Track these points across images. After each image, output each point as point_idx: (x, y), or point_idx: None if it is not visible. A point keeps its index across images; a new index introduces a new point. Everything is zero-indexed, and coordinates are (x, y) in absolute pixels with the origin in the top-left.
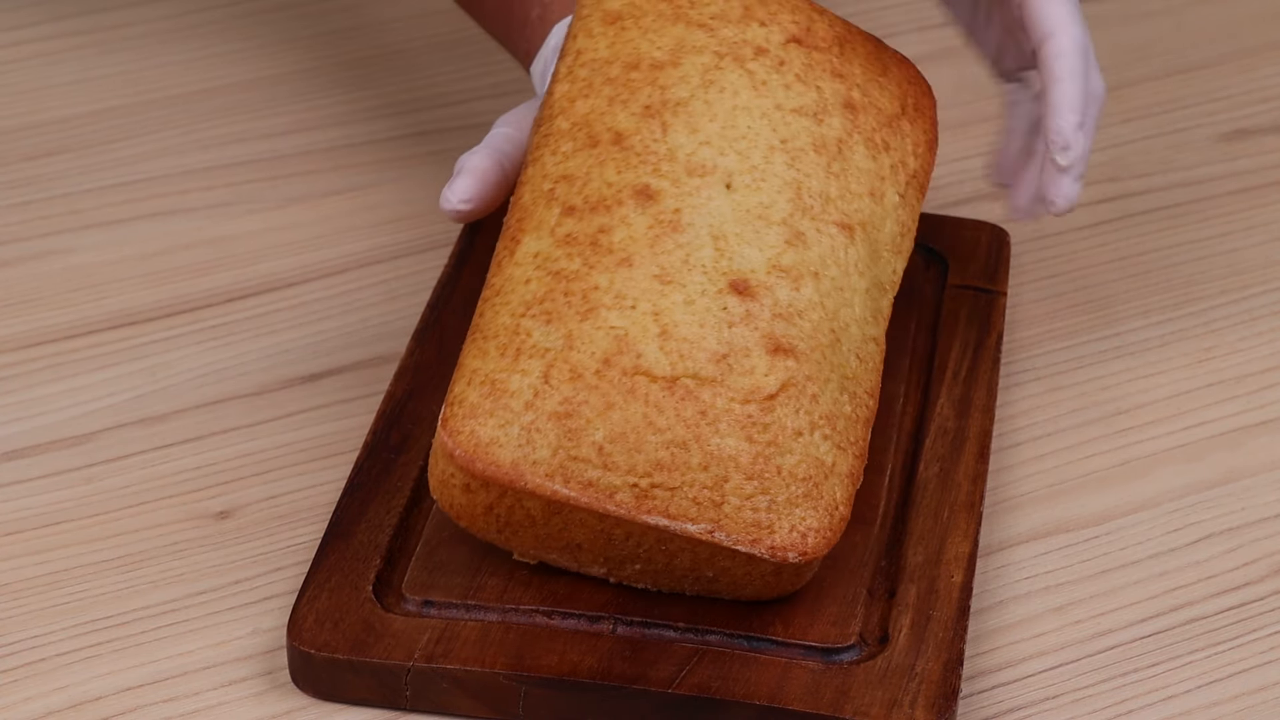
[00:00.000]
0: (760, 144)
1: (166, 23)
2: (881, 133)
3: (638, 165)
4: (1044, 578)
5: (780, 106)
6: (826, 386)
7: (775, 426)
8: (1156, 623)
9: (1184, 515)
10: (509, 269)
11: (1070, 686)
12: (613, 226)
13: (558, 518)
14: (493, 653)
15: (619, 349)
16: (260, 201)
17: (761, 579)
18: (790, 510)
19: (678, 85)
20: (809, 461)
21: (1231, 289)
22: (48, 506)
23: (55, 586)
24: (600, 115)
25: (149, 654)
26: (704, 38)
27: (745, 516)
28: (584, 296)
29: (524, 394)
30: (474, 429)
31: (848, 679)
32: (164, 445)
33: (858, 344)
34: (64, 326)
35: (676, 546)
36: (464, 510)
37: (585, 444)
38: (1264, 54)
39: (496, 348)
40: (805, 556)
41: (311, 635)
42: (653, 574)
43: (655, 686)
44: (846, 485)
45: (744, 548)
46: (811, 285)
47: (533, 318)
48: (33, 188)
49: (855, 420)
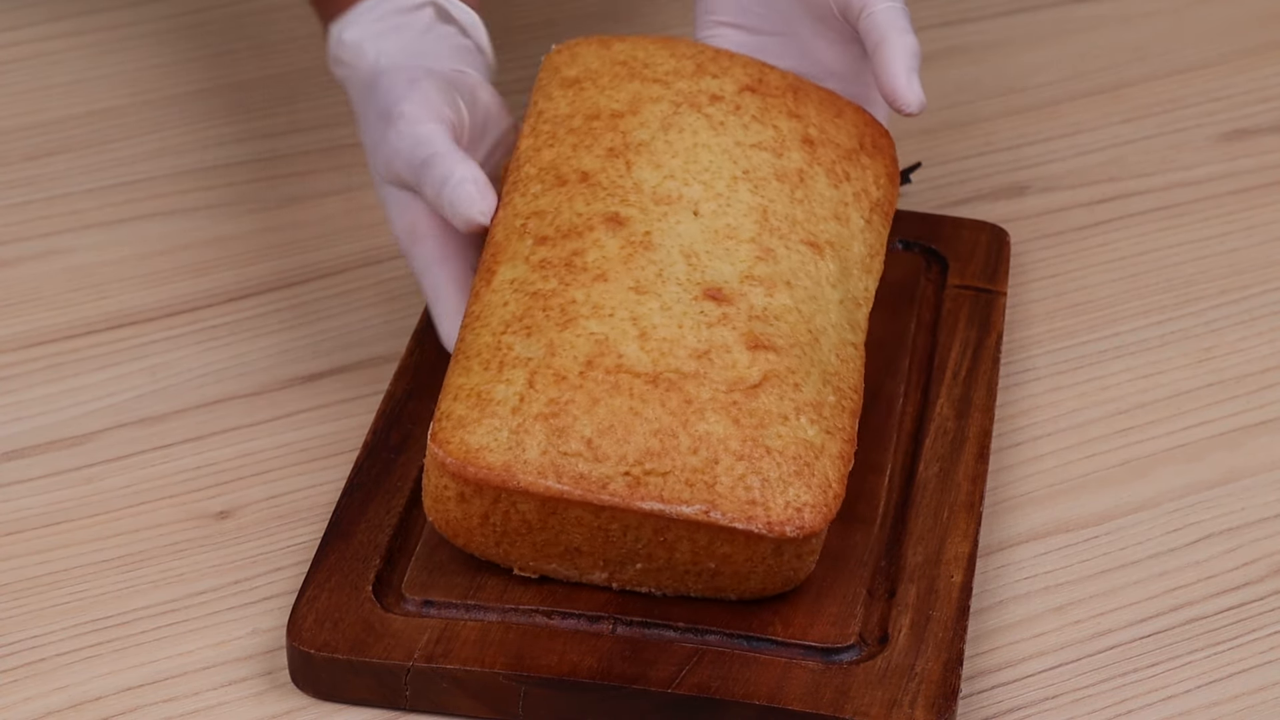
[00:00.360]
0: (724, 175)
1: (166, 22)
2: (841, 164)
3: (605, 197)
4: (1044, 578)
5: (740, 143)
6: (808, 378)
7: (761, 411)
8: (1156, 623)
9: (1184, 515)
10: (486, 296)
11: (1070, 686)
12: (585, 249)
13: (554, 518)
14: (493, 653)
15: (600, 351)
16: (260, 201)
17: (764, 566)
18: (784, 488)
19: (638, 130)
20: (797, 443)
21: (1231, 289)
22: (48, 506)
23: (55, 586)
24: (566, 159)
25: (149, 654)
26: (660, 90)
27: (739, 495)
28: (562, 310)
29: (510, 400)
30: (463, 438)
31: (848, 679)
32: (164, 445)
33: (837, 346)
34: (64, 326)
35: (674, 536)
36: (460, 525)
37: (574, 439)
38: (1264, 54)
39: (480, 364)
40: (803, 531)
41: (311, 635)
42: (655, 574)
43: (655, 686)
44: (838, 465)
45: (740, 525)
46: (785, 293)
47: (513, 333)
48: (33, 188)
49: (841, 410)
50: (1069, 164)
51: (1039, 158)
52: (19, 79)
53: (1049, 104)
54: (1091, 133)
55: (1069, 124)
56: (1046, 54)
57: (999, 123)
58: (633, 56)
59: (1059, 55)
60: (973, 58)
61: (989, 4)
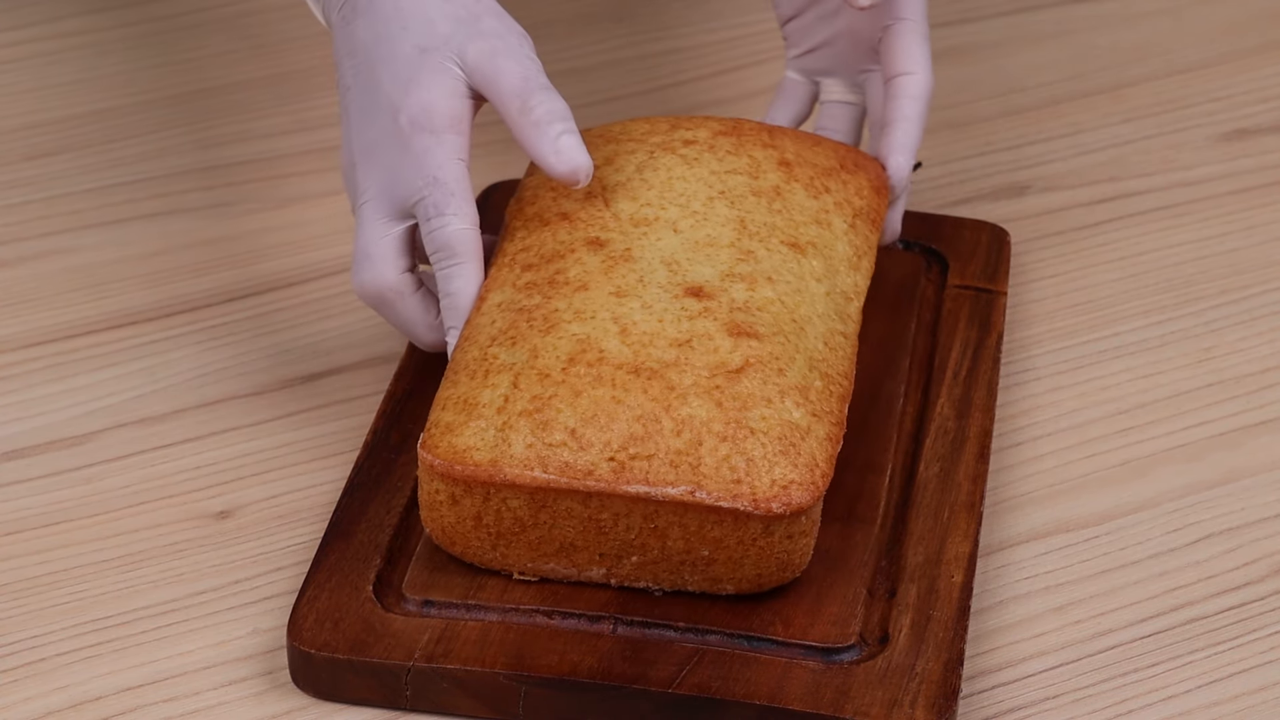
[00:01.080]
0: (700, 196)
1: (164, 23)
2: (820, 180)
3: (585, 227)
4: (1044, 578)
5: (715, 171)
6: (793, 364)
7: (744, 395)
8: (1156, 623)
9: (1184, 515)
10: (475, 319)
11: (1070, 686)
12: (568, 267)
13: (544, 512)
14: (493, 653)
15: (582, 349)
16: (260, 201)
17: (756, 550)
18: (769, 467)
19: (615, 174)
20: (782, 424)
21: (1232, 289)
22: (48, 506)
23: (55, 586)
24: (547, 208)
25: (149, 654)
26: (635, 145)
27: (724, 474)
28: (545, 319)
29: (495, 402)
30: (450, 441)
31: (848, 679)
32: (164, 445)
33: (824, 335)
34: (64, 326)
35: (664, 522)
36: (456, 530)
37: (558, 430)
38: (1264, 54)
39: (466, 375)
40: (789, 508)
41: (311, 635)
42: (651, 566)
43: (655, 686)
44: (826, 447)
45: (727, 503)
46: (768, 287)
47: (499, 345)
48: (32, 188)
49: (829, 395)
50: (1069, 164)
51: (1039, 158)
52: (19, 79)
53: (1049, 104)
54: (1092, 132)
55: (1069, 124)
56: (1046, 54)
57: (999, 123)
58: (608, 130)
59: (1059, 55)
60: (973, 58)
61: (989, 4)
